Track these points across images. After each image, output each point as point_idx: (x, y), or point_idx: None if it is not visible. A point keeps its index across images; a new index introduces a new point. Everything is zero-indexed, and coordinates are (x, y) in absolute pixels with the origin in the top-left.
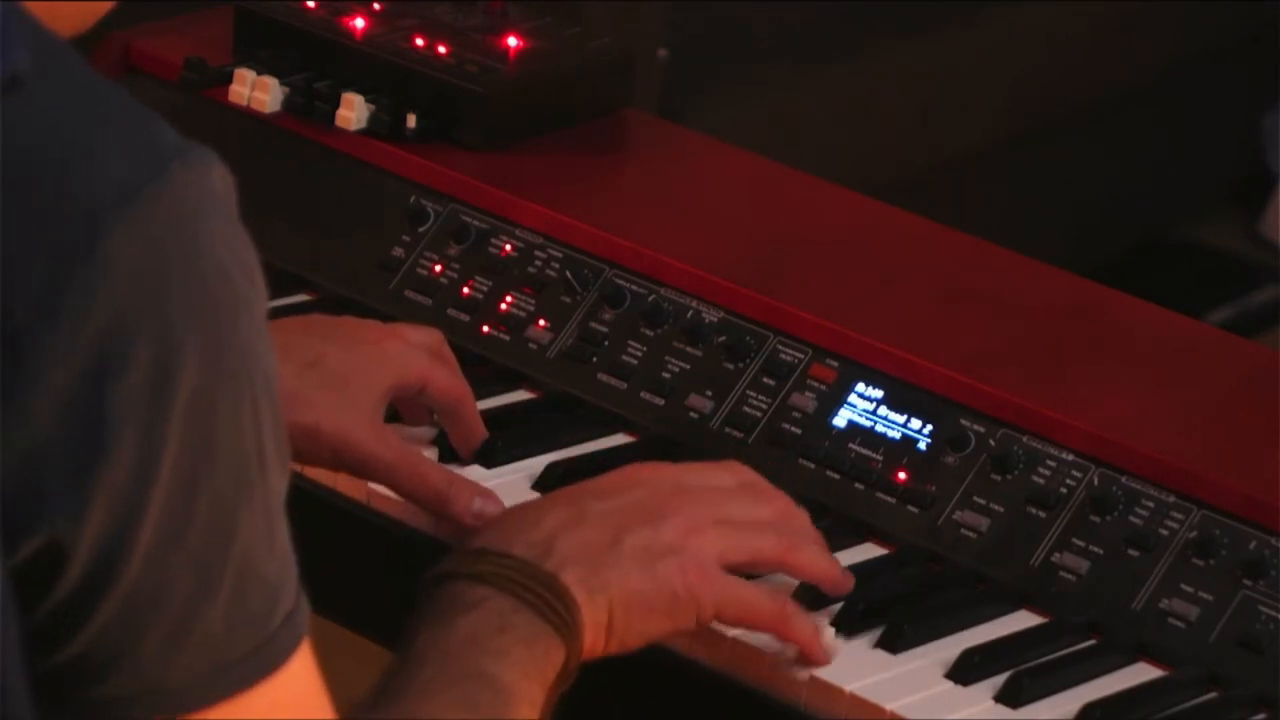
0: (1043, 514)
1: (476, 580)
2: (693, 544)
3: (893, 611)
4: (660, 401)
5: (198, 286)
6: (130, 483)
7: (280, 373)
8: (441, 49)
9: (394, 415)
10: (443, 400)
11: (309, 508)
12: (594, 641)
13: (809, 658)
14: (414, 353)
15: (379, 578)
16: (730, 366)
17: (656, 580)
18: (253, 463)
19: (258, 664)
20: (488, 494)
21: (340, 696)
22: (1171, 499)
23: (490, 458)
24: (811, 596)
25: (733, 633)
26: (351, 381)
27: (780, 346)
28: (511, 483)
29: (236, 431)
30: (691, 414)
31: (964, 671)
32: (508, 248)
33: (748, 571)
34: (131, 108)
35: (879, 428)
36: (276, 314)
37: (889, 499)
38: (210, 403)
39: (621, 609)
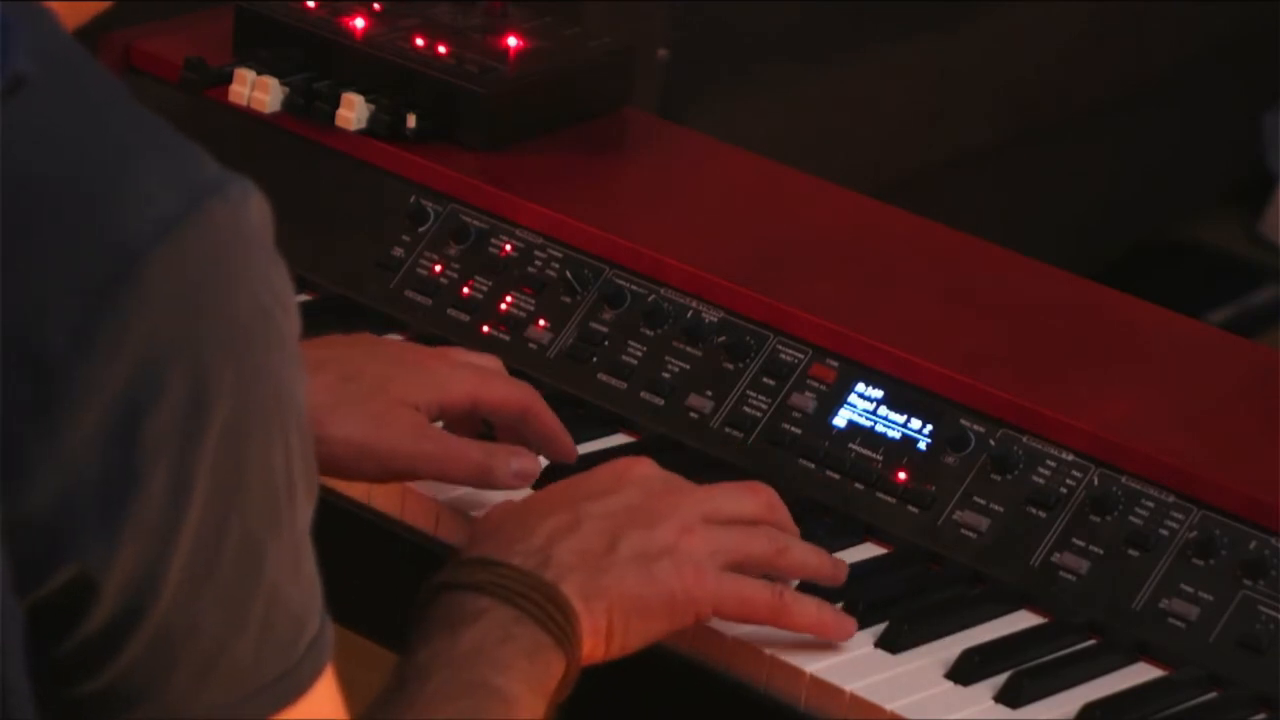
0: (1043, 514)
1: (478, 591)
2: (686, 544)
3: (893, 611)
4: (660, 401)
5: (232, 321)
6: (162, 517)
7: (318, 385)
8: (441, 49)
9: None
10: (504, 413)
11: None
12: (593, 649)
13: (824, 635)
14: (459, 371)
15: (399, 585)
16: (730, 366)
17: (654, 583)
18: (282, 496)
19: (283, 691)
20: (522, 452)
21: (353, 702)
22: (1171, 499)
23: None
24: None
25: (733, 632)
26: (390, 389)
27: (780, 346)
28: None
29: (267, 466)
30: (691, 414)
31: (964, 671)
32: (508, 248)
33: (746, 573)
34: (170, 137)
35: (879, 428)
36: None
37: (889, 499)
38: (243, 438)
39: (620, 614)
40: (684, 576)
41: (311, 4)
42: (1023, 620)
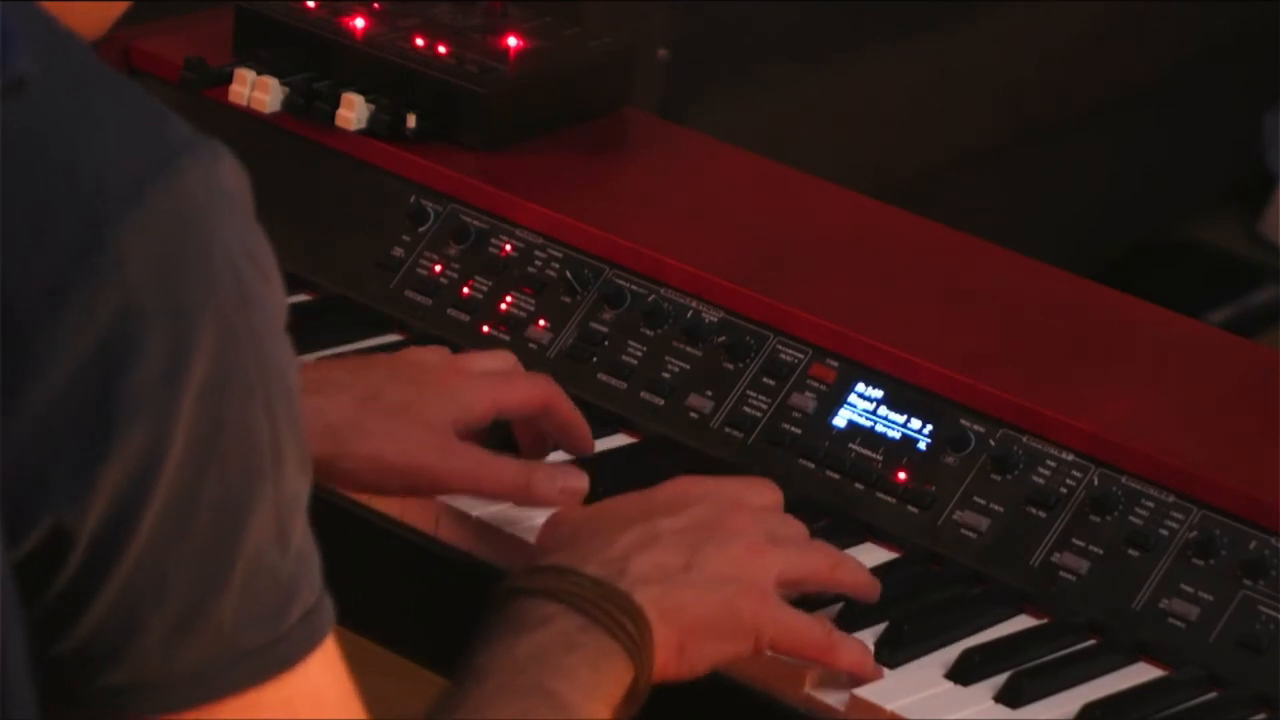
0: (1043, 514)
1: (547, 597)
2: (755, 566)
3: (893, 611)
4: (660, 401)
5: (207, 279)
6: (136, 470)
7: (338, 404)
8: (441, 49)
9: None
10: (529, 412)
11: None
12: (664, 663)
13: (863, 675)
14: (477, 383)
15: (399, 585)
16: (730, 366)
17: (725, 604)
18: (266, 461)
19: (268, 661)
20: (569, 470)
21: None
22: (1171, 499)
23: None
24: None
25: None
26: (412, 408)
27: (780, 346)
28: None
29: (246, 427)
30: (691, 414)
31: (964, 671)
32: (508, 248)
33: (797, 591)
34: (141, 101)
35: (879, 428)
36: None
37: (889, 499)
38: (220, 394)
39: (693, 633)
40: (751, 601)
41: (311, 4)
42: (1023, 620)
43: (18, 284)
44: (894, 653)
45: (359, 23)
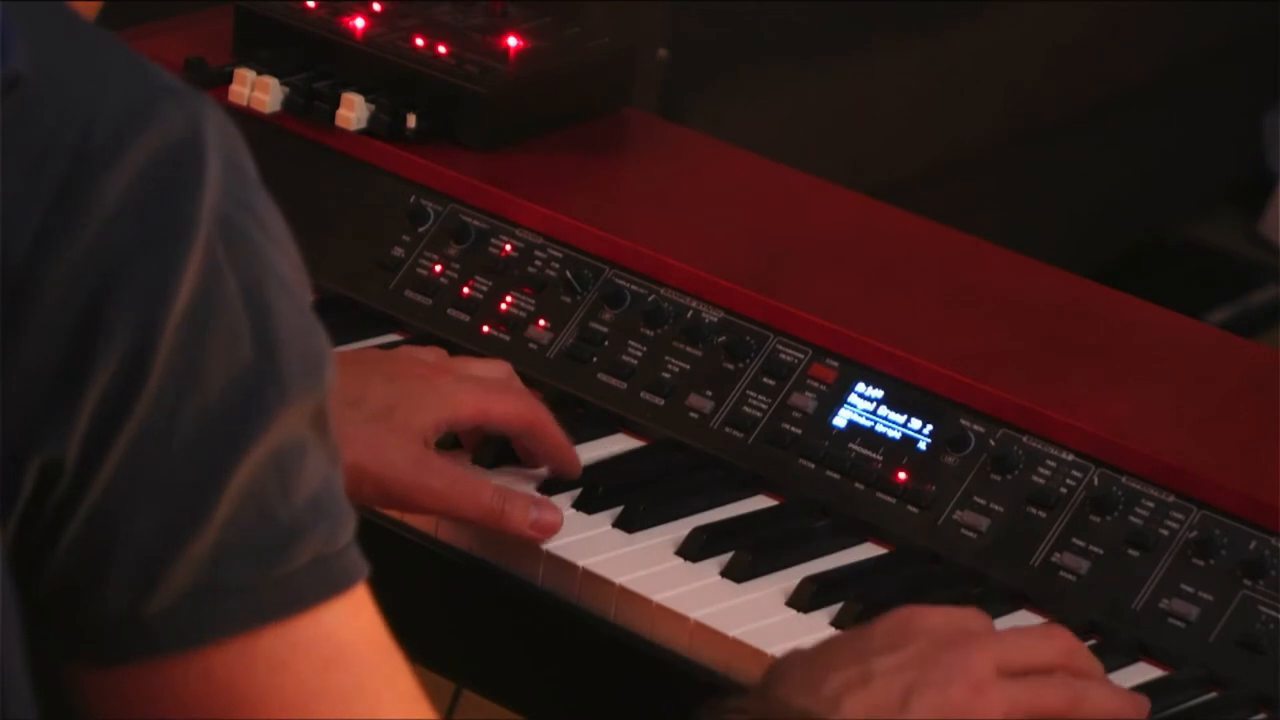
0: (1043, 514)
1: (746, 716)
2: (981, 705)
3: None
4: (660, 401)
5: (191, 216)
6: (112, 393)
7: None
8: (441, 49)
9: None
10: (510, 428)
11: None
12: None
13: None
14: (466, 386)
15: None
16: (730, 366)
17: None
18: (255, 398)
19: (265, 601)
20: (544, 503)
21: None
22: (1171, 499)
23: (490, 459)
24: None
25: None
26: (395, 414)
27: (780, 346)
28: (511, 483)
29: (231, 362)
30: (691, 414)
31: None
32: (508, 248)
33: None
34: (129, 56)
35: (879, 428)
36: None
37: (889, 499)
38: (202, 329)
39: None
40: None
41: (311, 4)
42: (1023, 620)
43: (10, 244)
44: None
45: (359, 23)
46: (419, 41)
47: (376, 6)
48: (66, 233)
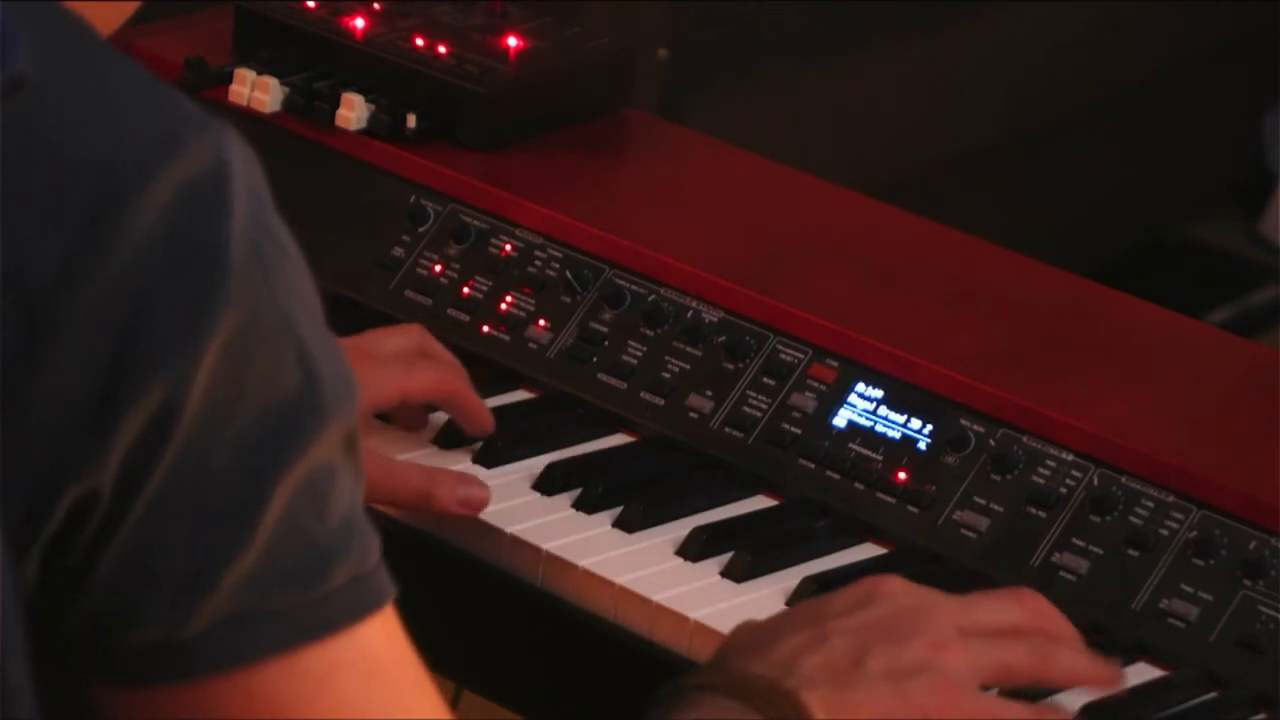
0: (1043, 514)
1: (712, 691)
2: (941, 660)
3: None
4: (660, 401)
5: (222, 248)
6: (153, 421)
7: None
8: (441, 49)
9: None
10: (431, 399)
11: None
12: None
13: None
14: (383, 371)
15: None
16: (730, 366)
17: (906, 702)
18: (292, 423)
19: (307, 621)
20: (469, 480)
21: None
22: (1171, 499)
23: (490, 458)
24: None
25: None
26: None
27: (780, 346)
28: (512, 483)
29: (275, 387)
30: (691, 414)
31: None
32: (508, 248)
33: (1000, 687)
34: (149, 83)
35: (879, 428)
36: None
37: (889, 499)
38: (242, 356)
39: None
40: (938, 695)
41: (311, 4)
42: None
43: (30, 269)
44: None
45: (359, 23)
46: (419, 41)
47: (376, 6)
48: (95, 262)
